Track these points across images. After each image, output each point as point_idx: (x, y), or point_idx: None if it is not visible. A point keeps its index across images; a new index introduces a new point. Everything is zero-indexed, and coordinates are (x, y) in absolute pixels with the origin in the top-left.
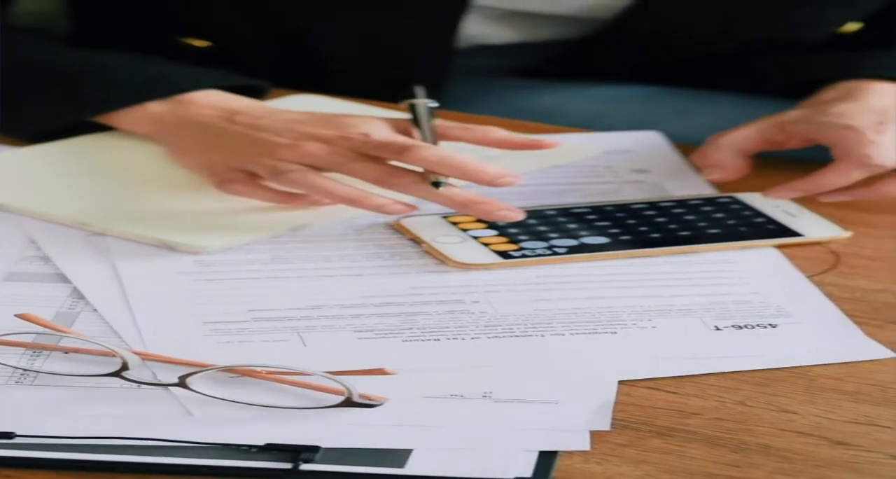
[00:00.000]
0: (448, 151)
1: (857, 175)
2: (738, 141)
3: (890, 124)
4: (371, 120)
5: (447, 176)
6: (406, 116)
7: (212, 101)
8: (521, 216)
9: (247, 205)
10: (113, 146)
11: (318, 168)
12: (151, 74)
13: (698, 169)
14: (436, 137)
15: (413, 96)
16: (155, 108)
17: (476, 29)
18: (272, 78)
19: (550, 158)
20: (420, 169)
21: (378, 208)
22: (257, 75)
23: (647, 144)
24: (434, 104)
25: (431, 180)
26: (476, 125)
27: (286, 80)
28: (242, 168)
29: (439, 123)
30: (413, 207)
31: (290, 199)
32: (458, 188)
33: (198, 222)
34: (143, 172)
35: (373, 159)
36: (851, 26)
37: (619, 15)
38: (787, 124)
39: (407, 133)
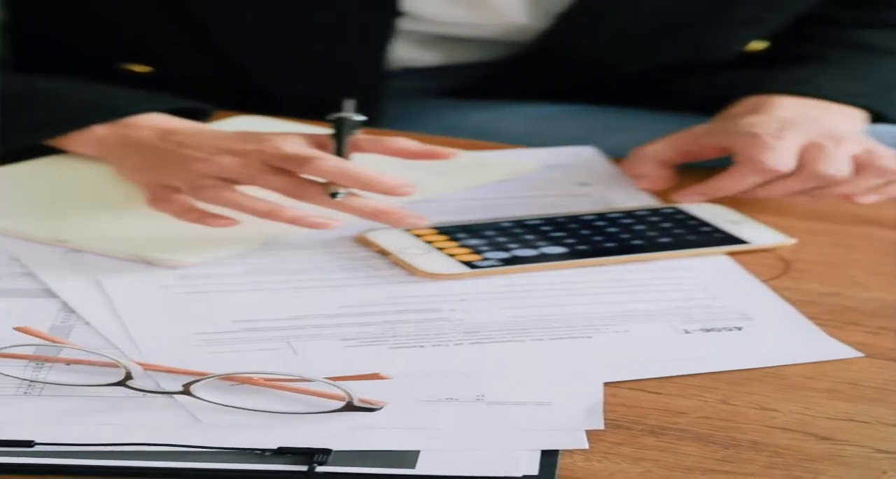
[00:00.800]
0: (346, 163)
1: (752, 180)
2: (657, 153)
3: (790, 131)
4: (291, 135)
5: (347, 187)
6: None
7: (152, 122)
8: (426, 222)
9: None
10: (80, 165)
11: (233, 182)
12: (97, 99)
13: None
14: (350, 151)
15: (340, 110)
16: (99, 130)
17: (404, 52)
18: (215, 101)
19: (493, 173)
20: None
21: (292, 221)
22: (200, 99)
23: (584, 158)
24: (360, 118)
25: (329, 192)
26: (385, 137)
27: (229, 102)
28: (167, 184)
29: (360, 137)
30: (331, 222)
31: (213, 219)
32: (366, 199)
33: (173, 237)
34: (115, 188)
35: (283, 172)
36: (757, 45)
37: (537, 39)
38: (699, 136)
39: (324, 147)
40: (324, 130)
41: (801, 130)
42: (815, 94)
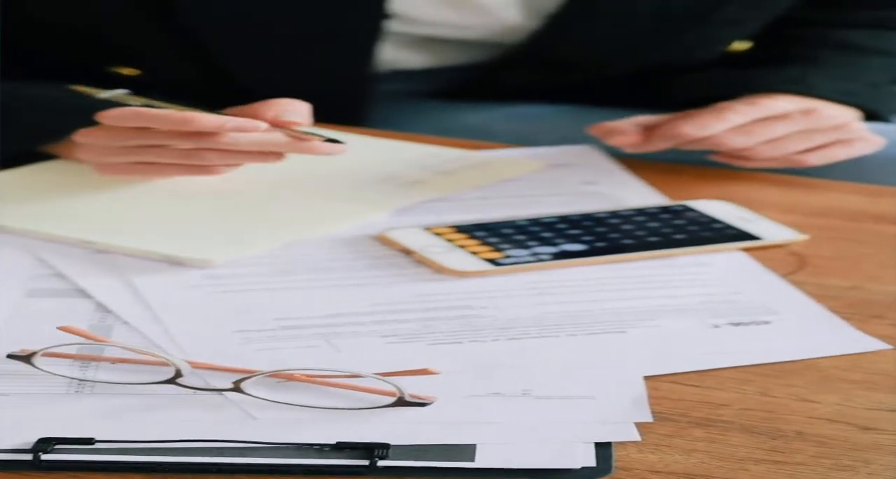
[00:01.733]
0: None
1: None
2: (640, 118)
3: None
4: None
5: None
6: None
7: None
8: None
9: (241, 219)
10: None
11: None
12: (78, 105)
13: (603, 139)
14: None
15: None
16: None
17: (392, 54)
18: (203, 104)
19: (501, 173)
20: None
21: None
22: (187, 102)
23: (586, 157)
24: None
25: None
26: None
27: (215, 105)
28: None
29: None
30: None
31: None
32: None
33: (197, 237)
34: (134, 188)
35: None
36: (740, 45)
37: (527, 40)
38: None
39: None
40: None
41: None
42: (808, 93)
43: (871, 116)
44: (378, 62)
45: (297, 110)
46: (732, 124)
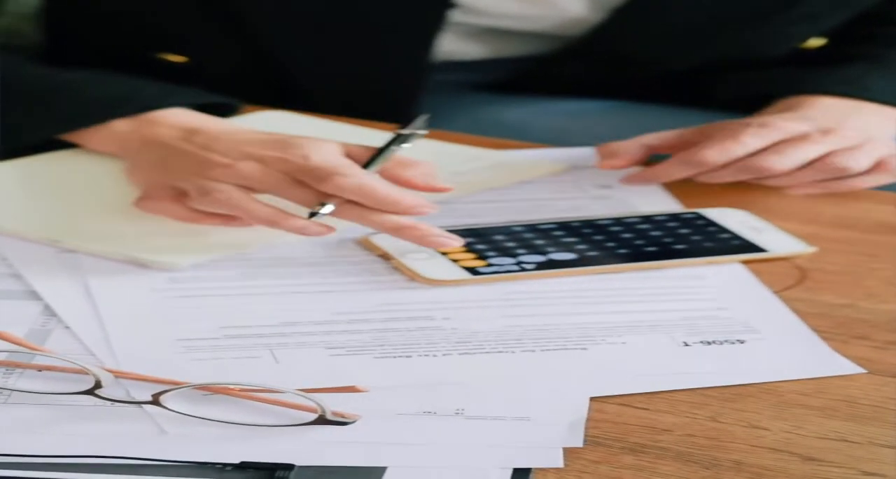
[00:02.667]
0: (368, 180)
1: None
2: (649, 137)
3: (767, 129)
4: (323, 144)
5: (367, 205)
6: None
7: (176, 120)
8: (458, 243)
9: None
10: (81, 163)
11: (252, 190)
12: (119, 92)
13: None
14: (384, 170)
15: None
16: (120, 126)
17: (451, 45)
18: (247, 94)
19: (517, 174)
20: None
21: (298, 230)
22: (233, 91)
23: None
24: (422, 133)
25: (312, 209)
26: (416, 166)
27: (262, 95)
28: (175, 186)
29: (394, 158)
30: (332, 229)
31: (203, 217)
32: (391, 216)
33: (168, 239)
34: (112, 188)
35: (305, 184)
36: (815, 42)
37: (588, 33)
38: (707, 127)
39: (356, 160)
40: (354, 129)
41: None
42: (861, 95)
43: None
44: (437, 53)
45: (433, 173)
46: (752, 149)
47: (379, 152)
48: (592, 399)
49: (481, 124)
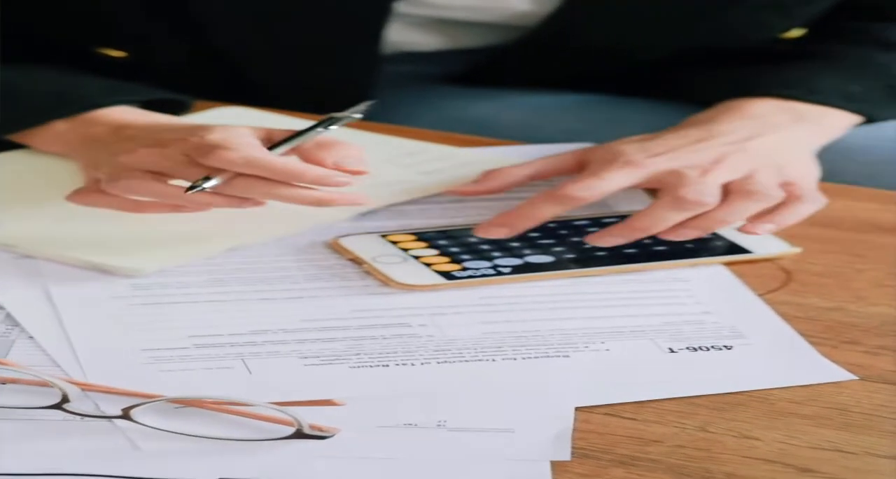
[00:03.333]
0: (257, 153)
1: (673, 217)
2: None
3: (662, 157)
4: (234, 127)
5: (270, 178)
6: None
7: (111, 118)
8: (367, 203)
9: (179, 226)
10: (34, 163)
11: (158, 173)
12: (60, 92)
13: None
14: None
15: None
16: (60, 126)
17: (400, 36)
18: (196, 90)
19: None
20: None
21: (199, 207)
22: (179, 87)
23: None
24: (356, 116)
25: (192, 183)
26: (338, 147)
27: (210, 91)
28: (96, 177)
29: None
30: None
31: (135, 206)
32: (300, 189)
33: (130, 244)
34: (68, 190)
35: (202, 165)
36: (795, 33)
37: (545, 24)
38: (584, 153)
39: (271, 142)
40: (305, 124)
41: (690, 151)
42: (806, 97)
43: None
44: (385, 44)
45: (355, 156)
46: (615, 187)
47: (297, 134)
48: (577, 409)
49: (446, 119)
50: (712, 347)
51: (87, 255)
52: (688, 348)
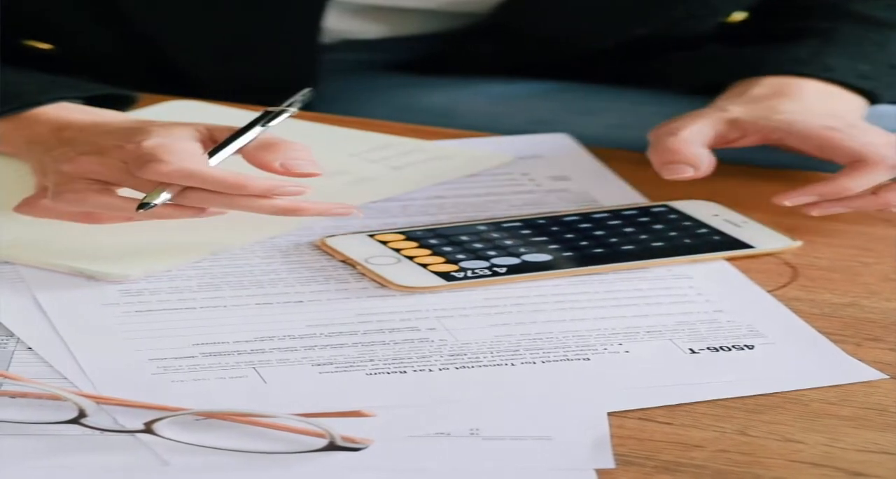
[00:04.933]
0: (190, 164)
1: (877, 177)
2: (698, 135)
3: (857, 128)
4: (172, 127)
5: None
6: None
7: (50, 117)
8: (357, 212)
9: (162, 228)
10: (4, 165)
11: (103, 183)
12: None
13: (659, 168)
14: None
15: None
16: (1, 126)
17: (339, 24)
18: (139, 84)
19: (462, 168)
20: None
21: (148, 217)
22: (116, 81)
23: (558, 147)
24: (293, 110)
25: (143, 200)
26: (283, 148)
27: (154, 85)
28: (43, 184)
29: (261, 139)
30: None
31: (88, 216)
32: (267, 199)
33: (112, 248)
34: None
35: None
36: (737, 16)
37: (491, 10)
38: (743, 123)
39: (216, 142)
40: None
41: (858, 125)
42: (825, 76)
43: (873, 99)
44: (325, 33)
45: (304, 157)
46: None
47: (237, 134)
48: (610, 414)
49: (402, 109)
50: (733, 347)
51: (69, 261)
52: (709, 348)
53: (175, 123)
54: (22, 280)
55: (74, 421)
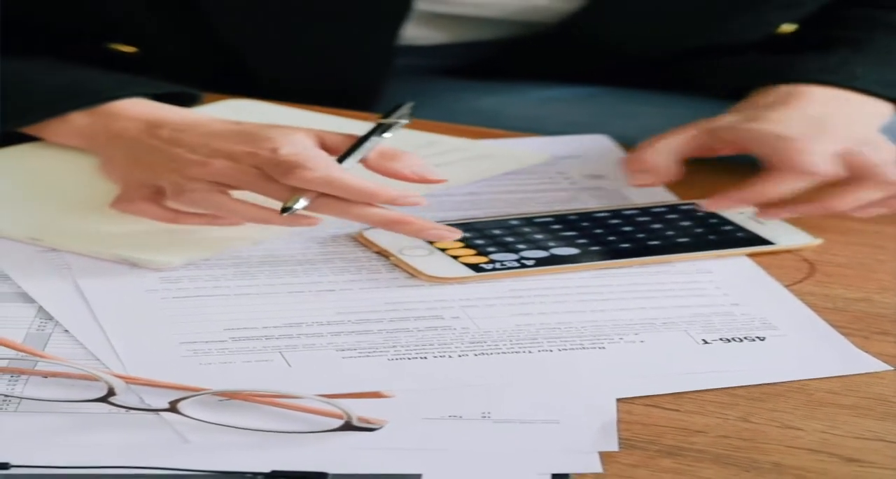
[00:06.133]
0: (336, 173)
1: (791, 184)
2: (673, 146)
3: (824, 135)
4: (294, 133)
5: (344, 198)
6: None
7: (137, 112)
8: (457, 236)
9: None
10: (49, 157)
11: (229, 186)
12: (73, 83)
13: (629, 173)
14: (368, 162)
15: (395, 111)
16: (79, 120)
17: (413, 32)
18: (204, 83)
19: (500, 165)
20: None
21: (286, 223)
22: (188, 81)
23: (596, 148)
24: (404, 122)
25: (285, 205)
26: (403, 158)
27: (218, 84)
28: (149, 184)
29: (376, 149)
30: (314, 220)
31: (183, 217)
32: (376, 208)
33: (156, 237)
34: (87, 183)
35: (275, 179)
36: (787, 27)
37: (563, 19)
38: (719, 131)
39: (333, 148)
40: (318, 117)
41: (833, 133)
42: (849, 84)
43: None
44: (400, 39)
45: (420, 165)
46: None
47: (357, 143)
48: (619, 400)
49: (451, 112)
50: (745, 338)
51: (114, 248)
52: (721, 339)
53: (291, 128)
54: (68, 267)
55: (103, 399)
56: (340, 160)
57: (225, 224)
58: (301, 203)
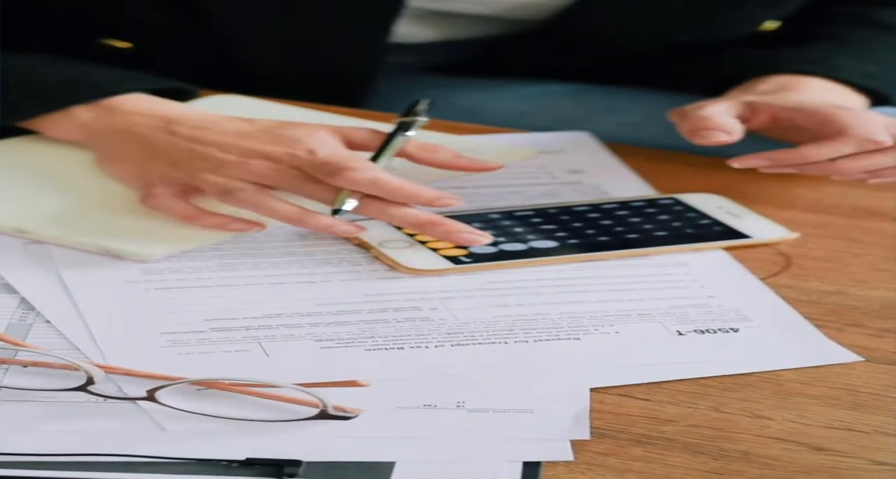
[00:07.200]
0: (381, 174)
1: (839, 151)
2: (725, 109)
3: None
4: (319, 132)
5: (385, 198)
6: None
7: (143, 107)
8: (488, 240)
9: None
10: (45, 149)
11: (268, 187)
12: (76, 76)
13: (691, 136)
14: (411, 157)
15: (413, 109)
16: (82, 114)
17: (404, 29)
18: (196, 79)
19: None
20: None
21: (326, 229)
22: (180, 76)
23: (578, 143)
24: (424, 120)
25: (334, 207)
26: (436, 147)
27: (210, 80)
28: (186, 182)
29: (410, 142)
30: (362, 228)
31: (208, 218)
32: (413, 209)
33: (140, 229)
34: (79, 176)
35: (318, 180)
36: (770, 25)
37: (550, 16)
38: (757, 103)
39: (358, 145)
40: (309, 114)
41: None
42: (831, 75)
43: (879, 100)
44: (392, 36)
45: (459, 155)
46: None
47: (386, 142)
48: (592, 390)
49: (437, 108)
50: (719, 329)
51: (98, 240)
52: (695, 330)
53: (313, 126)
54: (51, 259)
55: (81, 388)
56: (374, 160)
57: (235, 230)
58: (351, 204)
